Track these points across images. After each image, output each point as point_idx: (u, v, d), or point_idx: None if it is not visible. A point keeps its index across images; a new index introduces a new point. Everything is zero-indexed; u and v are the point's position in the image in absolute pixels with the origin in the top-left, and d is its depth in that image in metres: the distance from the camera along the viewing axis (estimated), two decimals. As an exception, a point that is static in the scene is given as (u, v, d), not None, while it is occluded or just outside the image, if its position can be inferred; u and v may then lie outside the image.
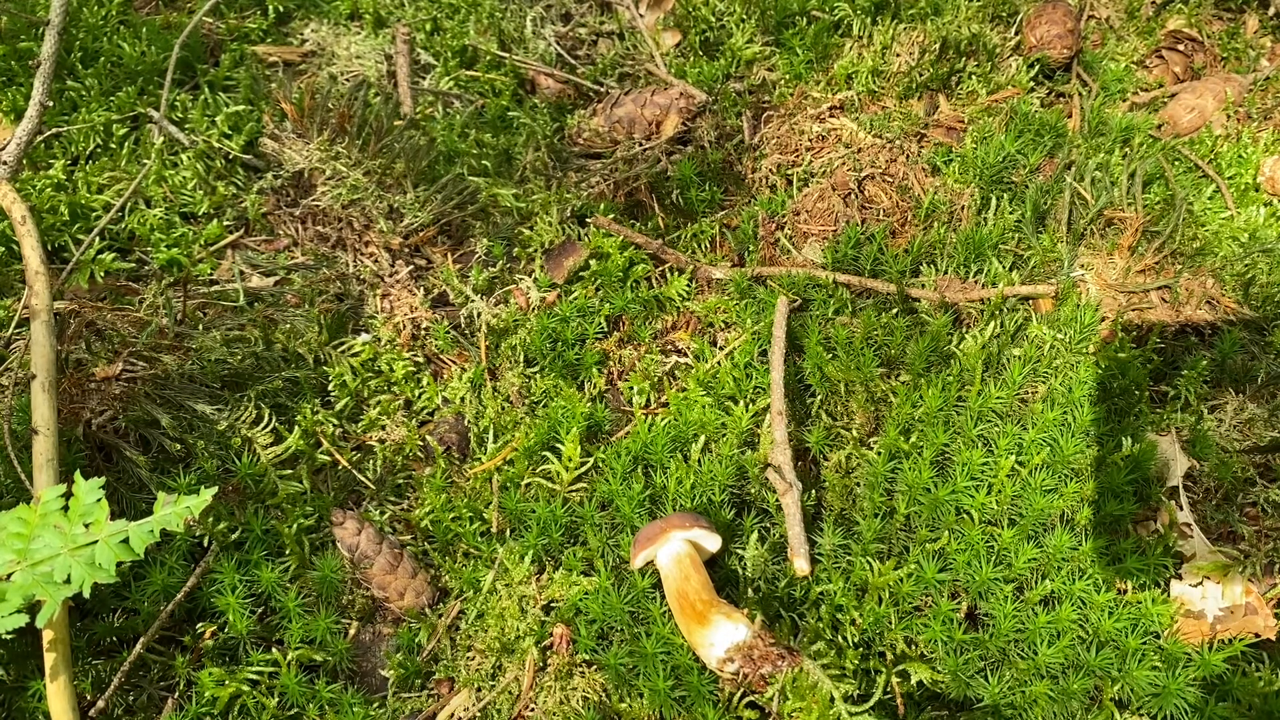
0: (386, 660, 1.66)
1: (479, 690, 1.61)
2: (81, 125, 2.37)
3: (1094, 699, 1.54)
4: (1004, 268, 2.14)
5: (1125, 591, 1.65)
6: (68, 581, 1.34)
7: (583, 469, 1.81)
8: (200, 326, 2.01)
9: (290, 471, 1.84)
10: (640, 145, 2.45)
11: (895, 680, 1.54)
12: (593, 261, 2.20)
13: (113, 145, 2.38)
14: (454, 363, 2.09)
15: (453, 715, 1.60)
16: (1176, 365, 2.01)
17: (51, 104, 2.06)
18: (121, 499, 1.73)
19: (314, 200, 2.27)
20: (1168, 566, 1.66)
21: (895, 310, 2.03)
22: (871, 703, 1.47)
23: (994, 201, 2.27)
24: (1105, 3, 2.92)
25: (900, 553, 1.69)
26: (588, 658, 1.60)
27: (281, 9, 2.82)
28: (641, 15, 2.91)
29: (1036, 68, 2.63)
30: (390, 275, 2.23)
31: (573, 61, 2.81)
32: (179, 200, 2.31)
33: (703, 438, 1.82)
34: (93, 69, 2.48)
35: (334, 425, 1.93)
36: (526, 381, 2.02)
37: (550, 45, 2.82)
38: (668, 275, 2.20)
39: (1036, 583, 1.62)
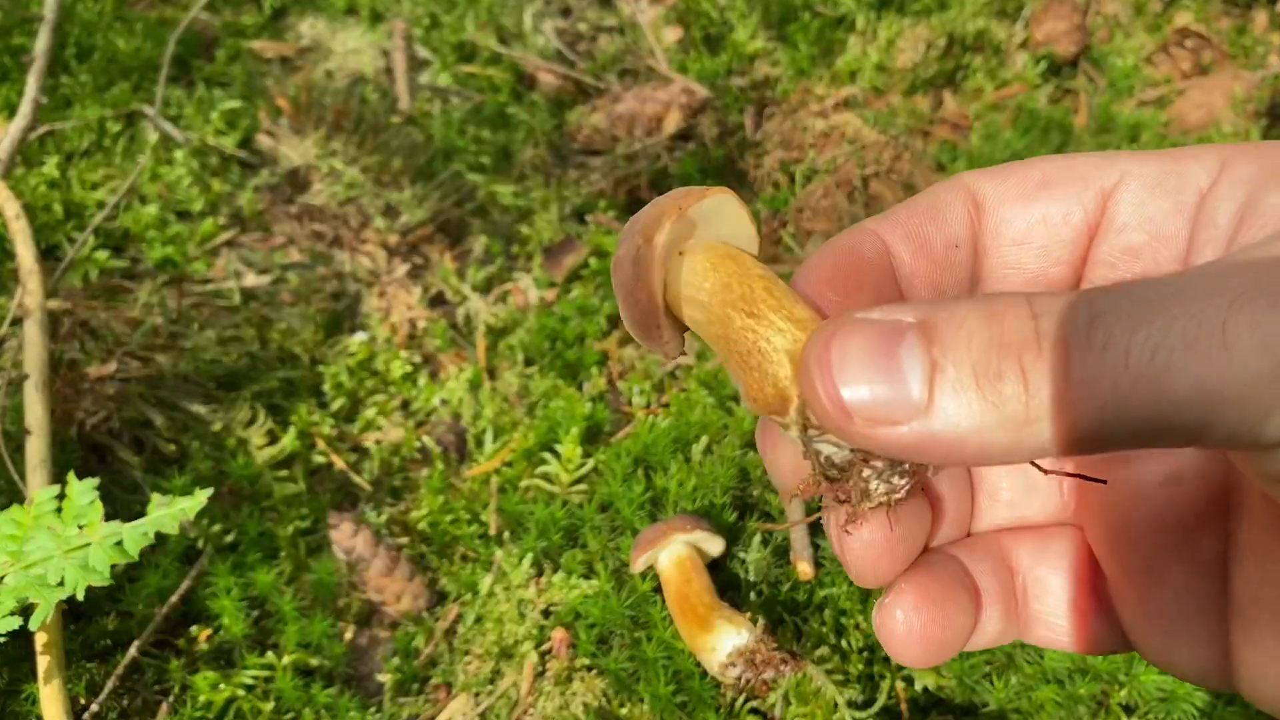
0: (383, 664, 1.64)
1: (477, 695, 1.59)
2: (75, 122, 2.34)
3: (1101, 704, 1.52)
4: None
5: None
6: (61, 584, 1.32)
7: (582, 470, 1.78)
8: (195, 325, 1.99)
9: (286, 473, 1.82)
10: (641, 142, 2.43)
11: (900, 686, 1.51)
12: (593, 259, 2.17)
13: (107, 142, 2.36)
14: (452, 363, 2.07)
15: (451, 720, 1.58)
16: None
17: (45, 100, 2.03)
18: (115, 500, 1.71)
19: (310, 198, 2.25)
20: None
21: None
22: (876, 708, 1.45)
23: (999, 199, 2.24)
24: (1111, -3, 2.89)
25: (904, 556, 1.67)
26: (588, 662, 1.58)
27: (277, 4, 2.79)
28: (643, 10, 2.88)
29: (1043, 63, 2.60)
30: (387, 274, 2.20)
31: (573, 57, 2.78)
32: (173, 198, 2.28)
33: (705, 439, 1.80)
34: (87, 65, 2.45)
35: (330, 426, 1.91)
36: (525, 381, 1.99)
37: (550, 40, 2.79)
38: (669, 273, 2.18)
39: (1043, 586, 1.60)
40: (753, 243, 0.59)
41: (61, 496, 1.42)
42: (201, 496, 1.41)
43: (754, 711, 1.48)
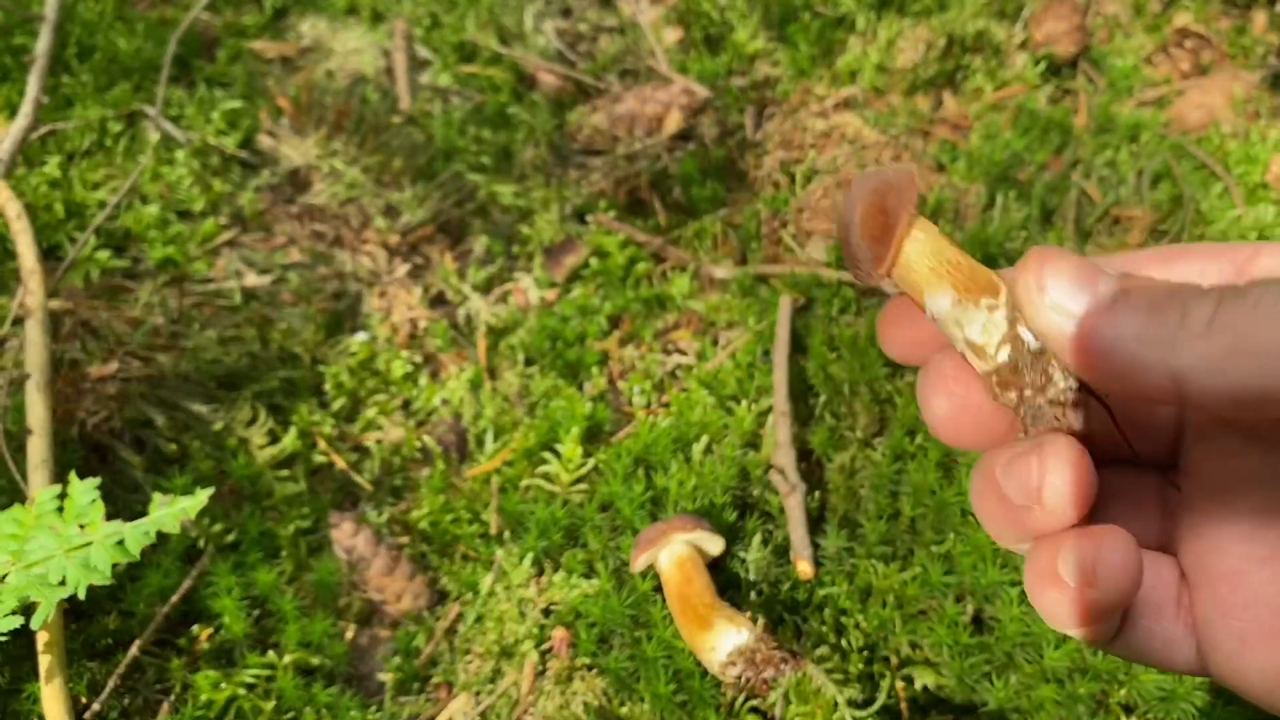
0: (384, 664, 1.64)
1: (478, 694, 1.59)
2: (77, 122, 2.35)
3: (1100, 703, 1.52)
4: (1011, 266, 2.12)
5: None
6: (63, 583, 1.32)
7: (583, 470, 1.79)
8: (195, 325, 1.99)
9: (287, 472, 1.82)
10: (642, 142, 2.43)
11: (900, 684, 1.52)
12: (593, 259, 2.17)
13: (108, 142, 2.36)
14: (452, 362, 2.07)
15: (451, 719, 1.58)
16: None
17: (47, 100, 2.04)
18: (117, 500, 1.71)
19: (311, 198, 2.25)
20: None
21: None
22: (876, 707, 1.45)
23: (1000, 199, 2.24)
24: (1111, -2, 2.89)
25: (905, 555, 1.67)
26: (588, 661, 1.58)
27: (278, 4, 2.80)
28: (643, 10, 2.88)
29: (1043, 64, 2.60)
30: (388, 274, 2.21)
31: (573, 57, 2.78)
32: (174, 197, 2.29)
33: (705, 438, 1.80)
34: (88, 64, 2.46)
35: (331, 426, 1.91)
36: (526, 381, 2.00)
37: (550, 41, 2.79)
38: (669, 274, 2.18)
39: (1043, 586, 1.60)
40: None
41: (63, 496, 1.42)
42: (202, 496, 1.41)
43: (754, 711, 1.49)
